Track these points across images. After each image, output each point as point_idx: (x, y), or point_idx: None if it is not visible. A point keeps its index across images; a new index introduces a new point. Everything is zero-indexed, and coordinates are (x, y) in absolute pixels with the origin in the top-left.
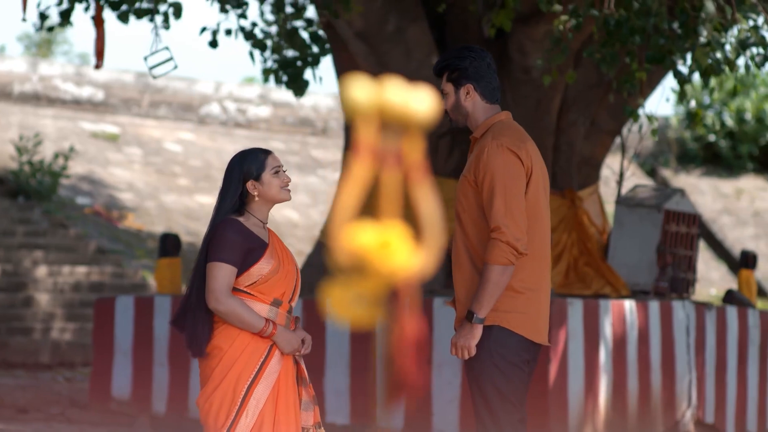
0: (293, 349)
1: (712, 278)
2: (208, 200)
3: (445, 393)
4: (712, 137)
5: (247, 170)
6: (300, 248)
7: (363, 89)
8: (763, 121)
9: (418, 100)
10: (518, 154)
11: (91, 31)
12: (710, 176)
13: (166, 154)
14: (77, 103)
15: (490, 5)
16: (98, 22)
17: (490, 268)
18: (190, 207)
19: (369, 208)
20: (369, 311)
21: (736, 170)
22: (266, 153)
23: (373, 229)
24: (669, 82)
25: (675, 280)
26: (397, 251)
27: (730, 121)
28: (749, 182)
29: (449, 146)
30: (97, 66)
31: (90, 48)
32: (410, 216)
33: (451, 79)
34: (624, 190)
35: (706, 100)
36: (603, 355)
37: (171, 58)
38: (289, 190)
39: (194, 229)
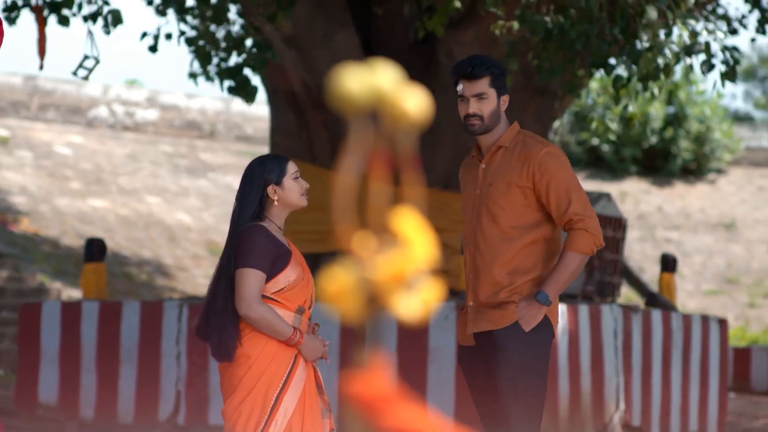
0: (317, 356)
1: None
2: (101, 204)
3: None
4: (595, 141)
5: (267, 175)
6: (194, 251)
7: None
8: (647, 124)
9: (411, 99)
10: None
11: None
12: (594, 179)
13: (56, 157)
14: None
15: (421, 10)
16: (40, 21)
17: (572, 256)
18: (84, 210)
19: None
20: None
21: (619, 173)
22: (285, 159)
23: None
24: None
25: (602, 284)
26: (412, 255)
27: (614, 125)
28: (633, 185)
29: None
30: (41, 66)
31: None
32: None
33: (496, 85)
34: None
35: (590, 103)
36: None
37: (91, 67)
38: (305, 196)
39: (89, 233)
